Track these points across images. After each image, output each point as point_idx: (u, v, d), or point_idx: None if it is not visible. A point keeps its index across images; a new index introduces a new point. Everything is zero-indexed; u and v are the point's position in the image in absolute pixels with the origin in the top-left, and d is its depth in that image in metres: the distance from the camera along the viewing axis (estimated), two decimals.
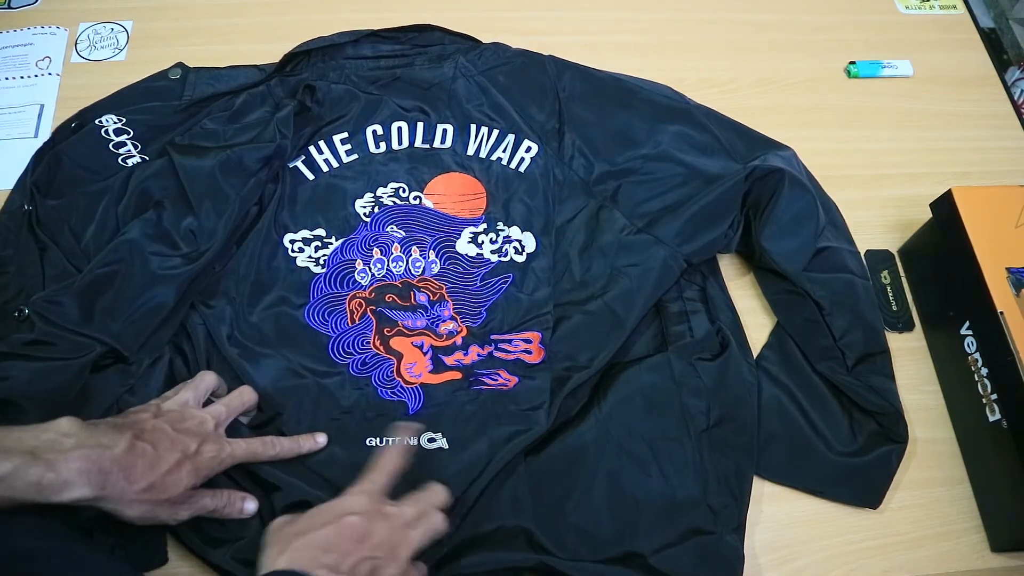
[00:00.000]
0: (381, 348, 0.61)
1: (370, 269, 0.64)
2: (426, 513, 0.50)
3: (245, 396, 0.56)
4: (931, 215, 0.65)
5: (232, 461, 0.51)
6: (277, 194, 0.66)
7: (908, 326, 0.67)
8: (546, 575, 0.53)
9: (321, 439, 0.56)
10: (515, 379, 0.60)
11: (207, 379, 0.55)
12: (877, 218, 0.72)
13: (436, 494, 0.52)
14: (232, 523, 0.52)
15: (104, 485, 0.44)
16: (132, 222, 0.60)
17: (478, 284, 0.64)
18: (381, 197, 0.67)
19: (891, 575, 0.57)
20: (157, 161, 0.64)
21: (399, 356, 0.61)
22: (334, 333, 0.61)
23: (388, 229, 0.66)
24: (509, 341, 0.62)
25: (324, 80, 0.70)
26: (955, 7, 0.89)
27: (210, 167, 0.61)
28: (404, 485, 0.55)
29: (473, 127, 0.70)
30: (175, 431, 0.49)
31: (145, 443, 0.46)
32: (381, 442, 0.57)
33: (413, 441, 0.56)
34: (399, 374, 0.60)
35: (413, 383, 0.60)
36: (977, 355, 0.60)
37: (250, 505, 0.52)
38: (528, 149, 0.69)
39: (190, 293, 0.60)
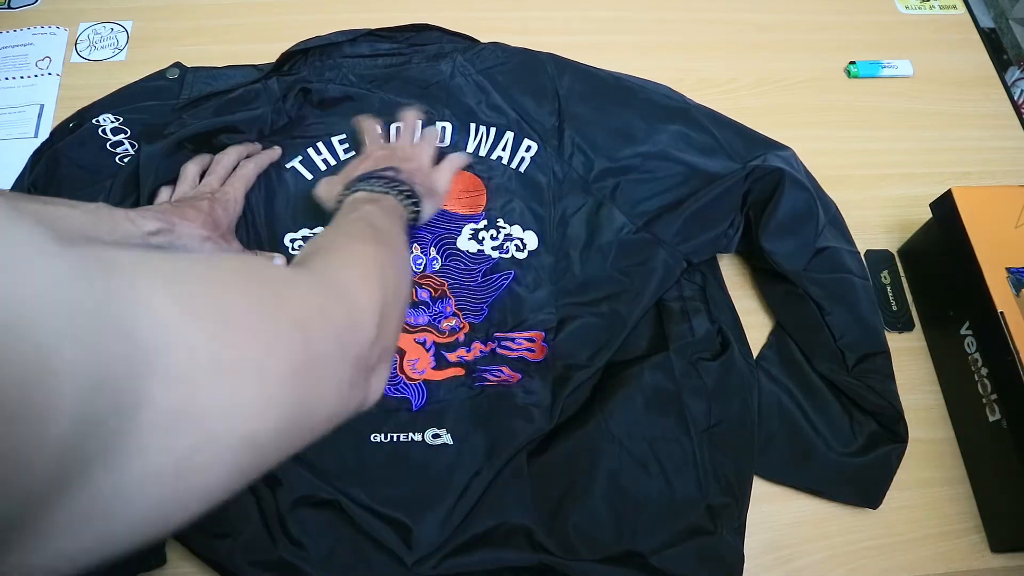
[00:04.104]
0: None
1: None
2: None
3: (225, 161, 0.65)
4: (931, 215, 0.65)
5: (243, 189, 0.63)
6: (277, 194, 0.66)
7: (908, 326, 0.67)
8: (546, 574, 0.53)
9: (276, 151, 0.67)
10: (518, 376, 0.60)
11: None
12: (877, 218, 0.72)
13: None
14: (234, 516, 0.52)
15: (170, 221, 0.54)
16: None
17: (479, 280, 0.64)
18: None
19: (891, 575, 0.57)
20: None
21: (402, 352, 0.61)
22: None
23: None
24: (513, 339, 0.62)
25: (321, 79, 0.70)
26: (955, 7, 0.89)
27: (161, 148, 0.63)
28: (407, 482, 0.55)
29: (472, 126, 0.70)
30: (190, 197, 0.60)
31: (180, 206, 0.57)
32: (385, 438, 0.57)
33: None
34: (402, 370, 0.60)
35: (416, 379, 0.60)
36: (977, 355, 0.60)
37: (279, 259, 0.63)
38: (528, 148, 0.69)
39: None
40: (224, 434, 0.23)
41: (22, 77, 0.75)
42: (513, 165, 0.69)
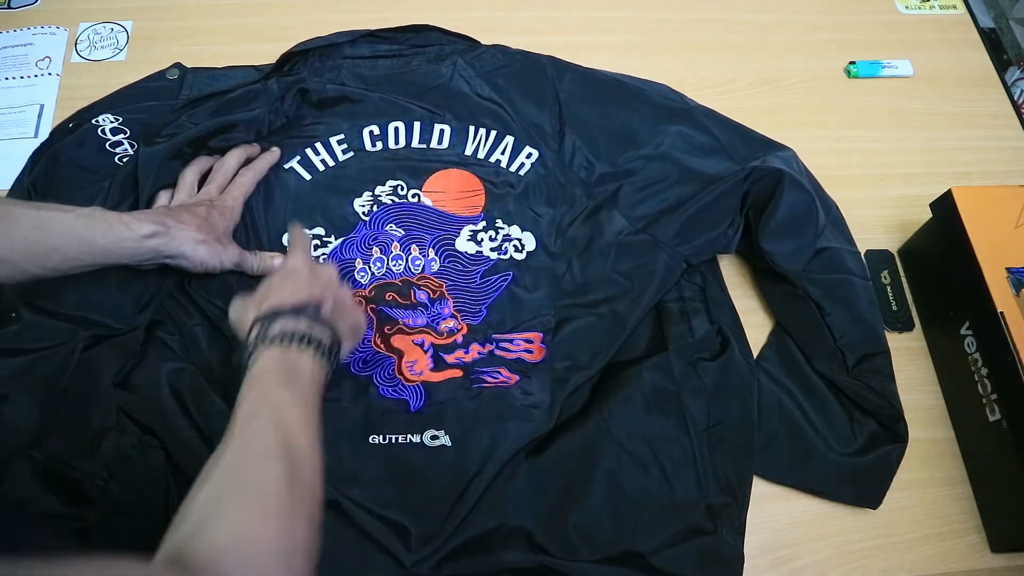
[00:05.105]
0: (382, 346, 0.61)
1: (370, 268, 0.64)
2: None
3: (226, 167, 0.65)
4: (931, 215, 0.65)
5: (241, 198, 0.63)
6: (275, 194, 0.66)
7: (908, 326, 0.67)
8: (546, 575, 0.53)
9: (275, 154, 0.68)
10: (516, 377, 0.60)
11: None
12: (877, 218, 0.72)
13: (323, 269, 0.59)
14: None
15: (165, 224, 0.55)
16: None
17: (478, 282, 0.64)
18: (380, 196, 0.67)
19: (891, 575, 0.57)
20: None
21: (400, 354, 0.61)
22: None
23: (387, 228, 0.66)
24: (511, 340, 0.62)
25: (321, 79, 0.70)
26: (955, 7, 0.89)
27: (160, 150, 0.63)
28: (406, 483, 0.55)
29: (471, 128, 0.70)
30: (189, 203, 0.60)
31: (176, 210, 0.58)
32: (383, 440, 0.57)
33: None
34: (400, 372, 0.60)
35: (414, 381, 0.60)
36: (977, 355, 0.60)
37: (278, 260, 0.62)
38: (529, 155, 0.69)
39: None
40: None
41: (22, 77, 0.75)
42: (512, 168, 0.69)
